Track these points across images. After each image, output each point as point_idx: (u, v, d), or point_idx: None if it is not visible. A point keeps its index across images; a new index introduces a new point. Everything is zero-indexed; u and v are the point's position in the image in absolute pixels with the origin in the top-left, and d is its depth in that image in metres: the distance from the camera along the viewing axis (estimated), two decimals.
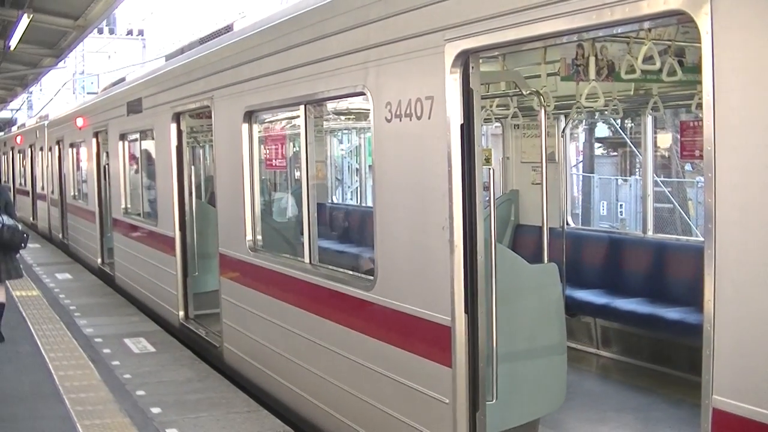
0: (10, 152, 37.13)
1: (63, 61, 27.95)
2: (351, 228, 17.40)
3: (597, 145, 33.18)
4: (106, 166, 17.78)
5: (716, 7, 3.89)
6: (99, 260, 19.25)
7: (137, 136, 15.36)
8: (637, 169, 28.66)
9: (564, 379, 7.14)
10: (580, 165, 30.21)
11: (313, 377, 8.14)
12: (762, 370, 3.80)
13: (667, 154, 26.53)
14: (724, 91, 3.88)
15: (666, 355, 9.44)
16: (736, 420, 3.91)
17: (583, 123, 23.46)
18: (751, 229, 3.81)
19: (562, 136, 11.42)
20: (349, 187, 27.00)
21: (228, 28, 11.08)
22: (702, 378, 4.09)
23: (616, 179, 29.08)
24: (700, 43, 3.98)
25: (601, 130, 32.03)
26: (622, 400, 8.75)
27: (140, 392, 9.42)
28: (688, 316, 8.64)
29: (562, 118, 11.24)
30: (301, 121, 8.39)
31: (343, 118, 17.28)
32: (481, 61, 5.90)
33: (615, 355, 10.16)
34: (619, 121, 25.07)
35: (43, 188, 28.41)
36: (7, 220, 11.82)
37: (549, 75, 8.30)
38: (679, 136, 10.37)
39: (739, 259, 3.87)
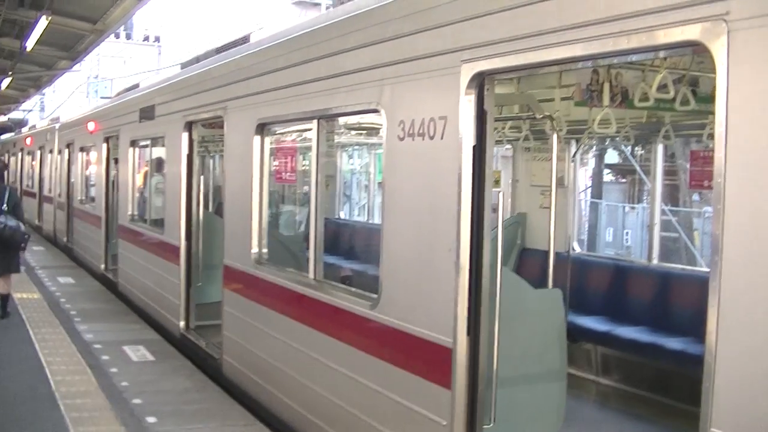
0: (19, 153, 37.19)
1: (78, 64, 28.03)
2: (356, 245, 17.38)
3: (606, 171, 33.18)
4: (116, 172, 17.79)
5: (733, 39, 3.89)
6: (103, 266, 19.25)
7: (148, 143, 15.38)
8: (644, 197, 28.63)
9: (563, 406, 7.11)
10: (589, 190, 30.19)
11: (312, 393, 8.12)
12: (762, 404, 3.79)
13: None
14: (737, 123, 3.87)
15: (666, 384, 9.41)
16: None
17: (594, 148, 23.44)
18: (757, 263, 3.80)
19: (573, 161, 11.41)
20: (357, 203, 27.00)
21: (244, 39, 11.09)
22: (701, 410, 4.07)
23: (624, 206, 29.06)
24: (714, 74, 3.98)
25: (611, 157, 32.02)
26: (620, 429, 8.72)
27: (137, 400, 9.39)
28: (689, 346, 8.61)
29: (574, 142, 11.23)
30: (313, 135, 8.39)
31: (353, 133, 17.31)
32: (495, 83, 5.91)
33: (615, 383, 10.12)
34: (629, 148, 25.07)
35: (50, 191, 28.43)
36: (9, 220, 13.12)
37: (563, 99, 8.31)
38: (688, 165, 10.37)
39: (744, 292, 3.86)
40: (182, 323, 12.51)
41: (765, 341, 3.77)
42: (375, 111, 7.01)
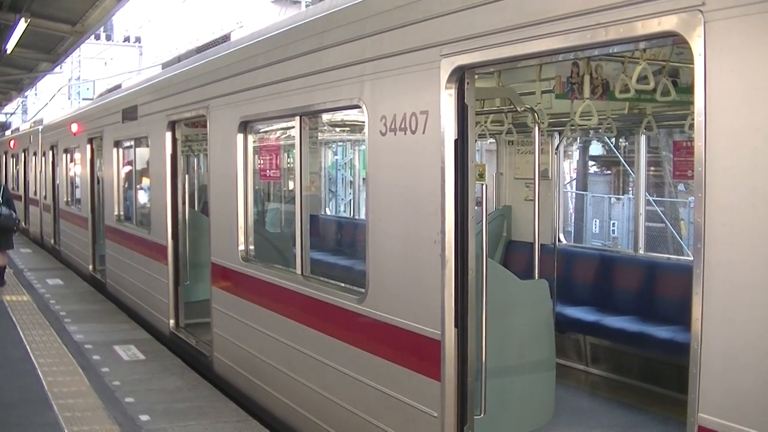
0: (3, 156, 37.07)
1: (59, 66, 27.93)
2: (343, 240, 17.40)
3: (591, 163, 33.24)
4: (100, 173, 17.77)
5: (709, 29, 3.93)
6: (91, 267, 19.24)
7: (132, 143, 15.37)
8: (630, 188, 28.71)
9: (552, 396, 7.16)
10: (574, 182, 30.25)
11: (303, 388, 8.15)
12: (747, 388, 3.83)
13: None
14: (716, 111, 3.92)
15: (655, 373, 9.46)
16: None
17: (578, 141, 23.52)
18: (739, 249, 3.84)
19: (556, 153, 11.45)
20: (342, 199, 27.02)
21: (225, 38, 11.10)
22: (688, 396, 4.11)
23: (609, 197, 29.13)
24: (693, 64, 4.02)
25: (595, 149, 32.09)
26: (610, 418, 8.76)
27: (129, 399, 9.41)
28: (677, 335, 8.66)
29: (556, 135, 11.28)
30: (296, 133, 8.41)
31: (337, 130, 17.32)
32: (476, 77, 5.94)
33: (604, 373, 10.17)
34: (613, 139, 25.14)
35: (35, 193, 28.37)
36: (3, 209, 16.74)
37: (544, 92, 8.35)
38: (672, 156, 10.43)
39: (727, 278, 3.90)
40: (172, 322, 12.52)
41: (749, 326, 3.81)
42: (357, 107, 7.04)
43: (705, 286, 4.01)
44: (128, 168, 16.17)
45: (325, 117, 12.45)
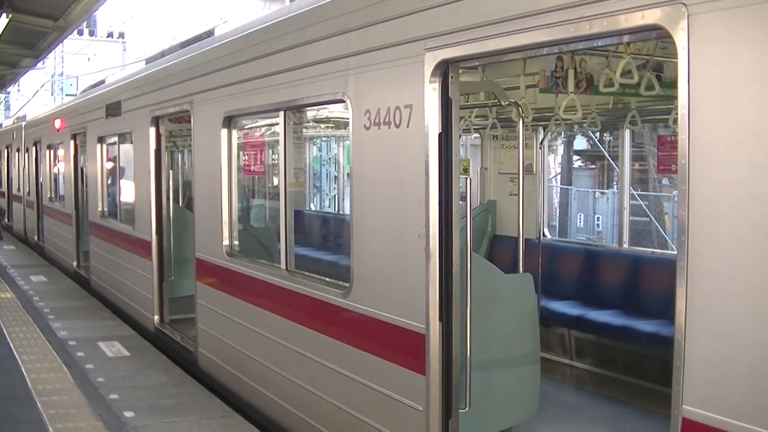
0: None
1: (42, 62, 27.81)
2: (328, 235, 17.40)
3: (575, 157, 33.28)
4: (84, 169, 17.71)
5: (693, 23, 3.93)
6: (75, 263, 19.18)
7: (116, 139, 15.32)
8: (614, 183, 28.77)
9: (537, 389, 7.17)
10: (558, 177, 30.29)
11: (289, 383, 8.14)
12: (731, 380, 3.84)
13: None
14: (699, 105, 3.92)
15: (640, 367, 9.48)
16: (706, 430, 3.95)
17: (562, 135, 23.54)
18: (722, 241, 3.85)
19: (540, 148, 11.47)
20: (327, 194, 27.00)
21: (209, 33, 11.08)
22: (672, 388, 4.12)
23: (594, 192, 29.19)
24: (677, 58, 4.03)
25: (580, 143, 32.13)
26: (595, 411, 8.79)
27: (114, 396, 9.39)
28: (662, 328, 8.69)
29: (541, 129, 11.29)
30: (280, 128, 8.40)
31: (322, 125, 17.31)
32: (460, 71, 5.94)
33: (589, 367, 10.19)
34: (597, 134, 25.17)
35: (19, 189, 28.27)
36: None
37: (528, 87, 8.34)
38: (656, 150, 10.45)
39: (711, 271, 3.91)
40: (156, 318, 12.50)
41: (733, 318, 3.82)
42: (341, 101, 7.03)
43: (689, 279, 4.01)
44: (112, 164, 16.13)
45: (310, 112, 12.44)
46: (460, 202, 5.97)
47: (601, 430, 8.26)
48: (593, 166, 33.82)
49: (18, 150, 28.03)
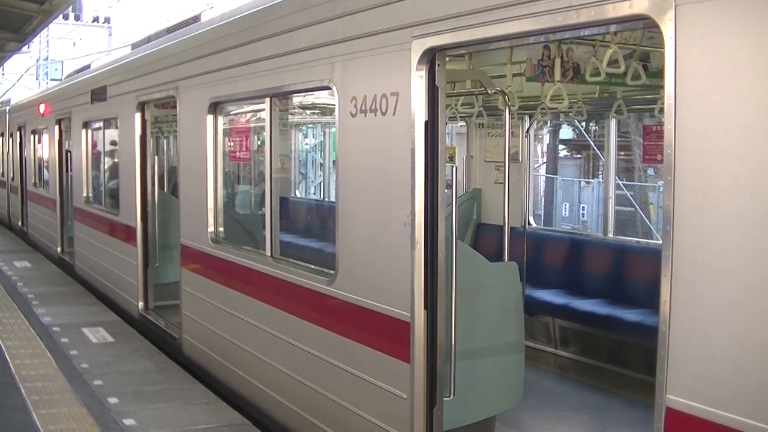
0: None
1: (27, 46, 27.66)
2: (313, 222, 17.40)
3: (561, 147, 33.35)
4: (68, 154, 17.65)
5: (680, 13, 3.93)
6: (59, 249, 19.12)
7: (101, 124, 15.27)
8: (600, 172, 28.84)
9: (521, 378, 7.19)
10: (544, 166, 30.35)
11: (273, 370, 8.14)
12: (715, 370, 3.86)
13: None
14: (686, 95, 3.93)
15: (624, 356, 9.53)
16: (689, 419, 3.96)
17: (548, 124, 23.59)
18: (707, 231, 3.86)
19: (526, 137, 11.48)
20: (312, 181, 26.98)
21: (195, 19, 11.04)
22: (656, 378, 4.13)
23: (579, 181, 29.26)
24: (663, 48, 4.03)
25: (566, 133, 32.19)
26: (579, 400, 8.82)
27: (98, 382, 9.37)
28: (646, 318, 8.72)
29: (527, 118, 11.31)
30: (266, 114, 8.38)
31: (308, 112, 17.28)
32: (447, 59, 5.93)
33: (573, 355, 10.23)
34: (583, 123, 25.24)
35: (3, 174, 28.16)
36: None
37: (514, 75, 8.35)
38: (642, 140, 10.47)
39: (695, 260, 3.92)
40: (141, 304, 12.47)
41: (717, 308, 3.83)
42: (327, 88, 7.02)
43: (674, 268, 4.02)
44: (97, 149, 16.06)
45: (296, 99, 12.42)
46: (446, 190, 5.97)
47: (584, 419, 8.29)
48: (579, 156, 33.91)
49: (2, 135, 27.91)
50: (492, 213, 11.91)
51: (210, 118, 9.53)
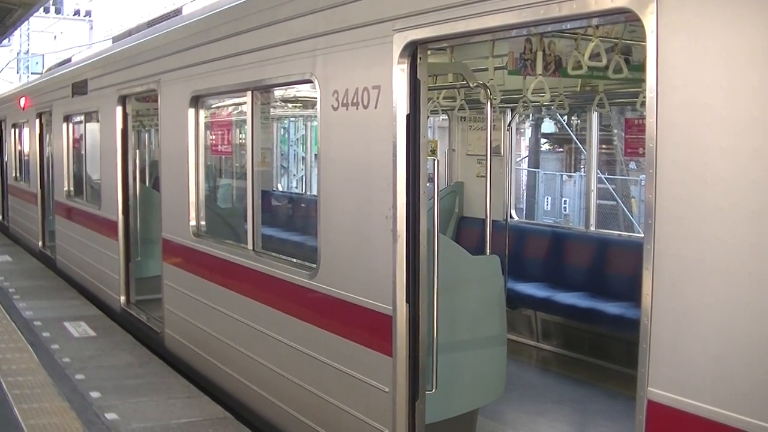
0: None
1: (8, 39, 27.53)
2: (295, 216, 17.38)
3: (543, 140, 33.37)
4: (49, 148, 17.58)
5: (662, 6, 3.94)
6: (40, 243, 19.04)
7: (82, 118, 15.21)
8: (581, 166, 28.89)
9: (504, 371, 7.20)
10: (526, 160, 30.37)
11: (255, 364, 8.13)
12: (696, 362, 3.87)
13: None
14: (667, 88, 3.93)
15: (606, 349, 9.55)
16: (670, 412, 3.97)
17: (530, 118, 23.60)
18: (689, 224, 3.87)
19: (508, 130, 11.50)
20: (294, 175, 26.95)
21: (177, 12, 11.01)
22: (638, 370, 4.14)
23: (561, 175, 29.29)
24: (645, 41, 4.03)
25: (548, 126, 32.22)
26: (561, 393, 8.84)
27: (80, 376, 9.34)
28: (628, 311, 8.75)
29: (509, 111, 11.32)
30: (247, 108, 8.36)
31: (290, 105, 17.26)
32: (429, 52, 5.93)
33: (555, 348, 10.26)
34: (565, 117, 25.28)
35: None
36: None
37: (496, 68, 8.35)
38: (623, 134, 10.51)
39: (677, 253, 3.93)
40: (123, 298, 12.44)
41: (699, 300, 3.84)
42: (309, 81, 7.01)
43: (655, 261, 4.03)
44: (78, 143, 16.00)
45: (277, 92, 12.39)
46: (428, 184, 5.96)
47: (566, 411, 8.31)
48: (561, 150, 33.92)
49: None
50: (474, 206, 11.93)
51: (191, 111, 9.51)
